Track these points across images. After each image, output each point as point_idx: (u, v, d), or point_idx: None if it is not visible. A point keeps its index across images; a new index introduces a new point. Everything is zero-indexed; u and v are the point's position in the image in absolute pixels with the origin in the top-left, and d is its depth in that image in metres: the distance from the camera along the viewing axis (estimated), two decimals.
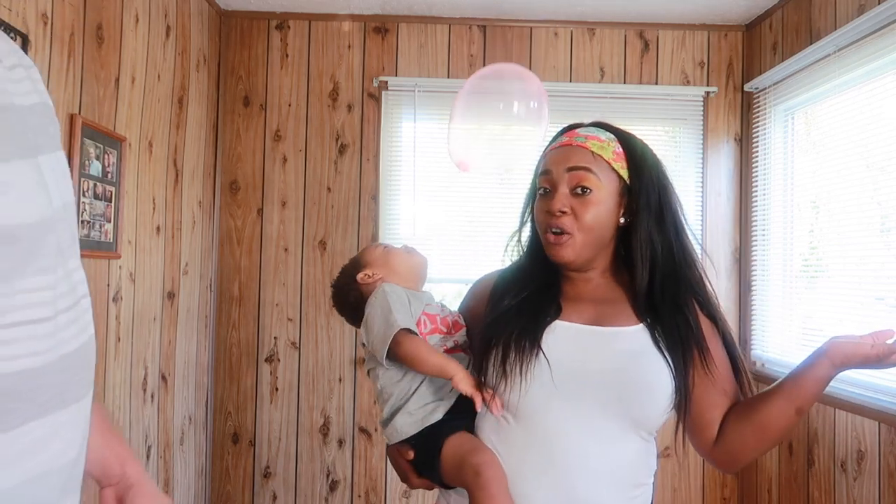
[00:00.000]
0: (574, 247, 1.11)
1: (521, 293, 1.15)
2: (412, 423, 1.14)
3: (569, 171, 1.11)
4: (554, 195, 1.11)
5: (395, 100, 3.18)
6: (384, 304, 1.16)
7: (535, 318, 1.10)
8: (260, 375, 3.16)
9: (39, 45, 1.84)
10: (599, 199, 1.10)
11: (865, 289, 2.39)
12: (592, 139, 1.14)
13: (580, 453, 1.04)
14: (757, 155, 3.08)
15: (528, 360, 1.05)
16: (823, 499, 2.51)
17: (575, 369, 1.06)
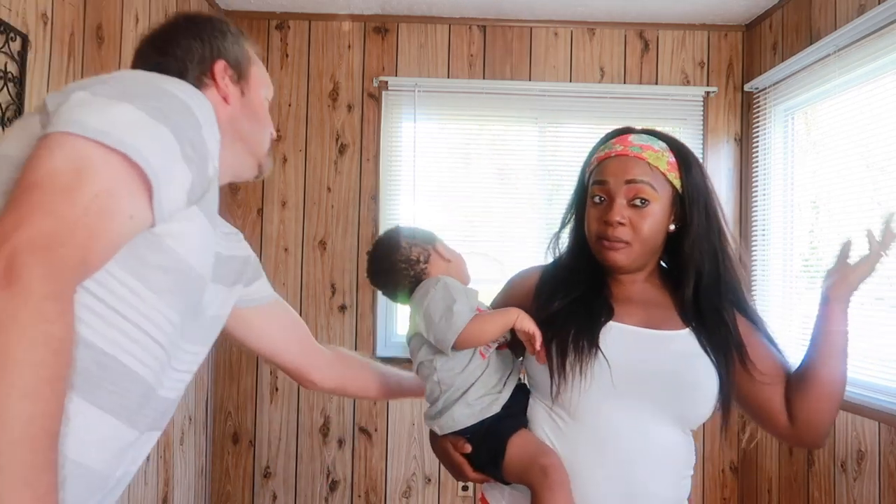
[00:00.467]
0: (629, 254, 1.14)
1: (571, 293, 1.17)
2: (470, 415, 1.16)
3: (627, 183, 1.13)
4: (612, 206, 1.13)
5: (395, 100, 3.18)
6: (447, 296, 1.17)
7: (590, 318, 1.13)
8: (260, 375, 3.16)
9: (39, 45, 1.84)
10: (655, 210, 1.14)
11: (865, 289, 2.39)
12: (648, 149, 1.15)
13: (636, 448, 1.08)
14: (757, 155, 3.08)
15: (588, 359, 1.09)
16: (823, 499, 2.51)
17: (632, 370, 1.10)
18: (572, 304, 1.16)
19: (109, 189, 0.67)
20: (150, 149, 0.70)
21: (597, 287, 1.19)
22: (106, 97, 0.72)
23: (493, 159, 3.25)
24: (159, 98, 0.74)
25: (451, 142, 3.24)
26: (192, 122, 0.76)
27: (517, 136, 3.25)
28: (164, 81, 0.79)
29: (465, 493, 3.13)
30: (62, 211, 0.64)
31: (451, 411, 1.17)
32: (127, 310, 0.74)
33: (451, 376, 1.18)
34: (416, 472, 3.15)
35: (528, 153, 3.21)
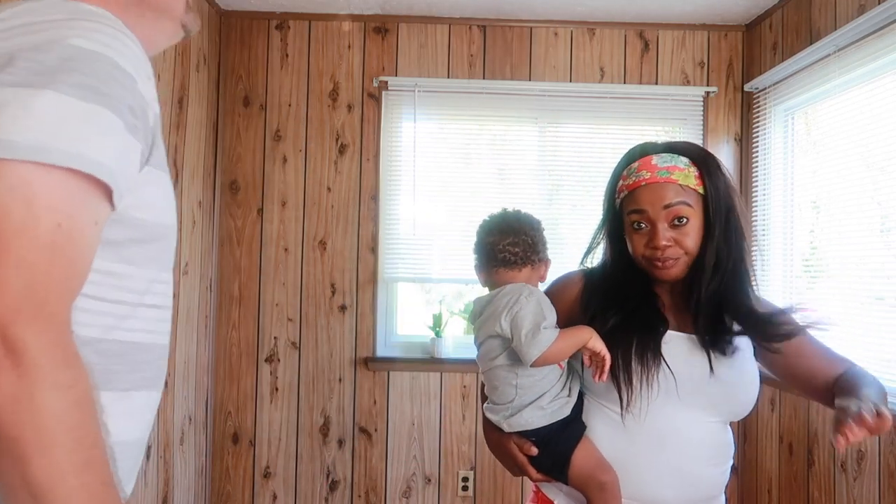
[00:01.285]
0: (680, 267, 1.22)
1: (625, 306, 1.24)
2: (542, 416, 1.21)
3: (665, 208, 1.19)
4: (655, 232, 1.20)
5: (395, 100, 3.18)
6: (538, 312, 1.20)
7: (650, 330, 1.21)
8: (260, 375, 3.16)
9: None
10: (694, 224, 1.21)
11: (865, 289, 2.39)
12: (675, 170, 1.21)
13: (692, 442, 1.18)
14: (757, 155, 3.08)
15: (653, 371, 1.17)
16: (823, 499, 2.51)
17: (693, 377, 1.18)
18: (628, 317, 1.22)
19: (69, 213, 0.61)
20: (95, 148, 0.62)
21: (649, 298, 1.26)
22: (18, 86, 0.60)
23: (493, 159, 3.25)
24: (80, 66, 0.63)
25: (451, 142, 3.24)
26: (124, 82, 0.66)
27: (517, 136, 3.25)
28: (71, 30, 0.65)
29: (464, 493, 3.13)
30: (30, 258, 0.58)
31: (523, 413, 1.21)
32: (122, 294, 0.71)
33: (532, 382, 1.22)
34: (416, 472, 3.15)
35: (528, 153, 3.21)
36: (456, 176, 3.22)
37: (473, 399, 3.16)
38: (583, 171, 3.21)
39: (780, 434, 2.84)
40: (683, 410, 1.18)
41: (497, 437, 1.27)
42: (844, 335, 2.47)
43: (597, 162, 3.20)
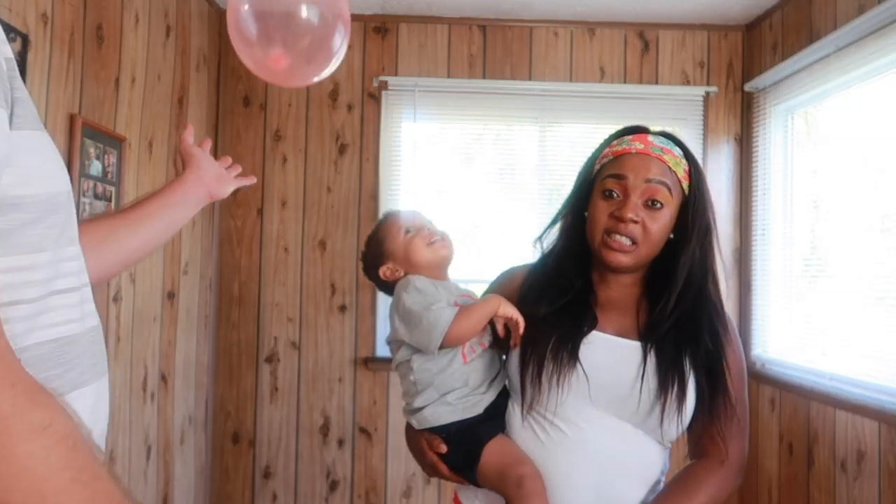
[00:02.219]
0: (635, 256, 1.12)
1: (558, 300, 1.15)
2: (451, 412, 1.15)
3: (647, 182, 1.10)
4: (626, 202, 1.10)
5: (395, 100, 3.18)
6: (420, 300, 1.15)
7: (574, 328, 1.12)
8: (260, 375, 3.16)
9: (39, 45, 1.84)
10: (666, 214, 1.12)
11: (865, 289, 2.39)
12: (668, 153, 1.14)
13: (613, 456, 1.09)
14: (757, 155, 3.08)
15: (566, 371, 1.08)
16: (823, 499, 2.51)
17: (611, 382, 1.09)
18: (559, 311, 1.14)
19: None
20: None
21: (584, 292, 1.17)
22: None
23: (493, 159, 3.25)
24: None
25: (451, 142, 3.24)
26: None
27: (517, 135, 3.25)
28: None
29: None
30: None
31: (429, 408, 1.16)
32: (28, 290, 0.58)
33: (429, 377, 1.16)
34: (416, 472, 3.14)
35: (528, 153, 3.21)
36: (456, 176, 3.22)
37: None
38: None
39: (780, 434, 2.83)
40: (601, 419, 1.09)
41: (411, 436, 1.23)
42: (844, 335, 2.48)
43: None
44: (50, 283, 0.61)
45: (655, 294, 1.16)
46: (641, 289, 1.20)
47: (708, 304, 1.15)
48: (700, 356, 1.11)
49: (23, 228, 0.58)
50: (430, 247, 1.25)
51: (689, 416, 1.11)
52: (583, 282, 1.18)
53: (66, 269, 0.63)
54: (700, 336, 1.12)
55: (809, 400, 2.61)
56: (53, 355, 0.61)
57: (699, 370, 1.10)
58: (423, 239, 1.25)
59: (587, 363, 1.09)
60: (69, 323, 0.63)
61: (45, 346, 0.60)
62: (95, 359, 0.67)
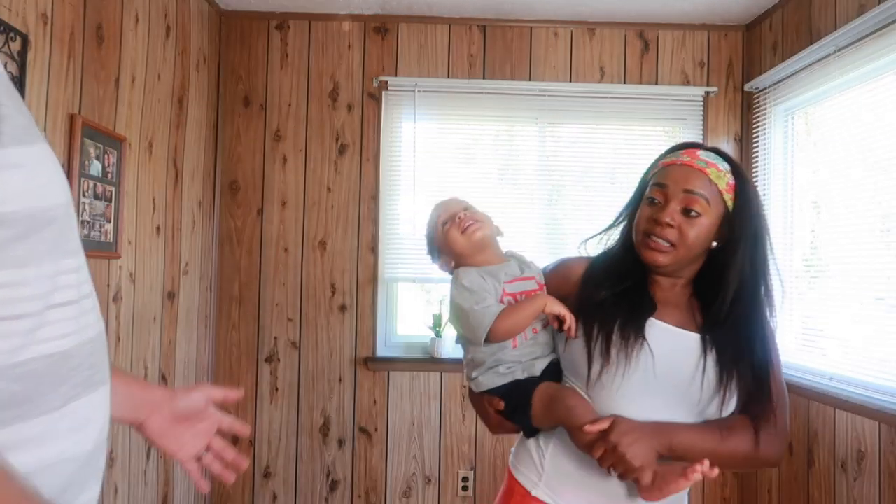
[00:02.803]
0: (671, 256, 1.21)
1: (618, 285, 1.24)
2: (499, 378, 1.26)
3: (686, 192, 1.19)
4: (665, 208, 1.20)
5: (395, 100, 3.18)
6: (466, 297, 1.24)
7: (636, 310, 1.21)
8: (260, 375, 3.16)
9: (39, 45, 1.84)
10: (704, 223, 1.19)
11: (865, 289, 2.39)
12: (713, 166, 1.22)
13: None
14: (757, 155, 3.08)
15: (633, 349, 1.17)
16: (823, 499, 2.51)
17: (670, 367, 1.18)
18: (620, 295, 1.23)
19: None
20: None
21: (642, 283, 1.26)
22: None
23: (493, 159, 3.25)
24: None
25: (451, 142, 3.24)
26: None
27: (517, 136, 3.25)
28: None
29: (465, 493, 3.13)
30: None
31: (483, 376, 1.27)
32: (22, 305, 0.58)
33: (483, 357, 1.27)
34: (416, 472, 3.15)
35: (528, 153, 3.21)
36: (456, 176, 3.22)
37: None
38: (583, 171, 3.21)
39: None
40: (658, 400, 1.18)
41: (474, 399, 1.36)
42: (844, 335, 2.48)
43: (597, 162, 3.20)
44: (46, 297, 0.61)
45: (706, 299, 1.25)
46: (690, 292, 1.28)
47: (760, 311, 1.22)
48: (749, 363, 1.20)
49: (9, 244, 0.56)
50: (464, 234, 1.30)
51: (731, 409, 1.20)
52: (642, 273, 1.26)
53: (63, 282, 0.63)
54: (752, 345, 1.20)
55: (809, 400, 2.61)
56: (48, 370, 0.60)
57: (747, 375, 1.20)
58: (457, 228, 1.30)
59: (653, 345, 1.18)
60: (65, 337, 0.63)
61: (40, 362, 0.60)
62: (94, 369, 0.67)
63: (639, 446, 1.10)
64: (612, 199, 2.68)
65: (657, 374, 1.16)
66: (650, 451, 1.11)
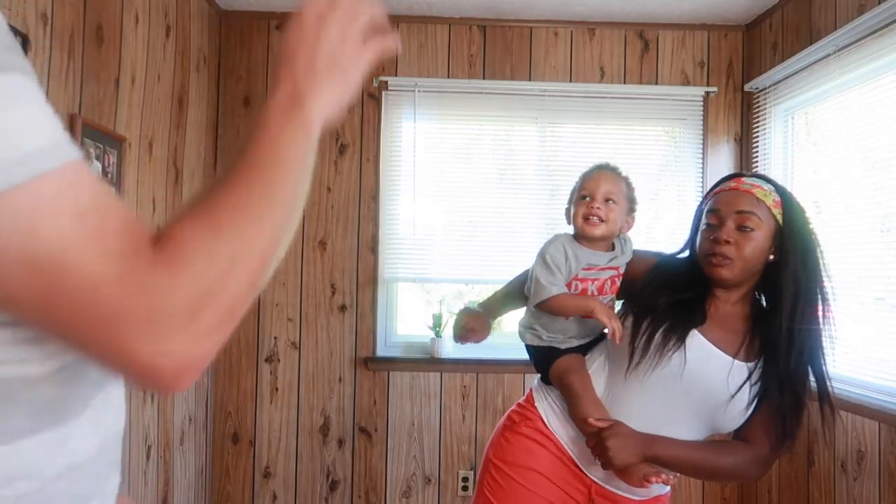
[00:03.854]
0: (732, 269, 1.35)
1: (678, 294, 1.41)
2: (534, 339, 1.56)
3: (738, 213, 1.36)
4: (721, 228, 1.36)
5: (395, 100, 3.18)
6: (542, 270, 1.46)
7: (686, 318, 1.37)
8: (260, 375, 3.16)
9: (39, 45, 1.84)
10: (758, 236, 1.35)
11: (865, 289, 2.39)
12: (758, 188, 1.39)
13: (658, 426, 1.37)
14: (757, 155, 3.08)
15: (670, 350, 1.34)
16: (823, 499, 2.51)
17: (697, 377, 1.34)
18: (678, 301, 1.39)
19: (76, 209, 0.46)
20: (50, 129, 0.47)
21: (700, 297, 1.41)
22: None
23: (493, 159, 3.25)
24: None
25: (451, 142, 3.24)
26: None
27: (517, 136, 3.25)
28: None
29: (464, 493, 3.13)
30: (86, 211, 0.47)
31: (526, 331, 1.58)
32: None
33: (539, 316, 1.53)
34: (416, 472, 3.15)
35: (528, 153, 3.21)
36: (456, 176, 3.22)
37: (473, 399, 3.16)
38: (583, 171, 3.20)
39: None
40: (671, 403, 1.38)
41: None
42: (845, 335, 2.47)
43: (597, 162, 3.19)
44: None
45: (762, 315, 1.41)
46: (748, 308, 1.43)
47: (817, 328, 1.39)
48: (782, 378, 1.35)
49: None
50: (585, 220, 1.47)
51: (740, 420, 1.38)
52: (699, 286, 1.42)
53: None
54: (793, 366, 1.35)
55: (809, 400, 2.61)
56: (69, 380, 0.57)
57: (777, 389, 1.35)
58: (585, 210, 1.47)
59: (689, 353, 1.35)
60: None
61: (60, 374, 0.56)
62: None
63: (623, 452, 1.32)
64: None
65: (683, 379, 1.33)
66: (631, 458, 1.33)
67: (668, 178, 3.22)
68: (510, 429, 1.55)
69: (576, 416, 1.42)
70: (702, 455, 1.37)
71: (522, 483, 1.48)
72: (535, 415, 1.53)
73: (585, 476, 1.48)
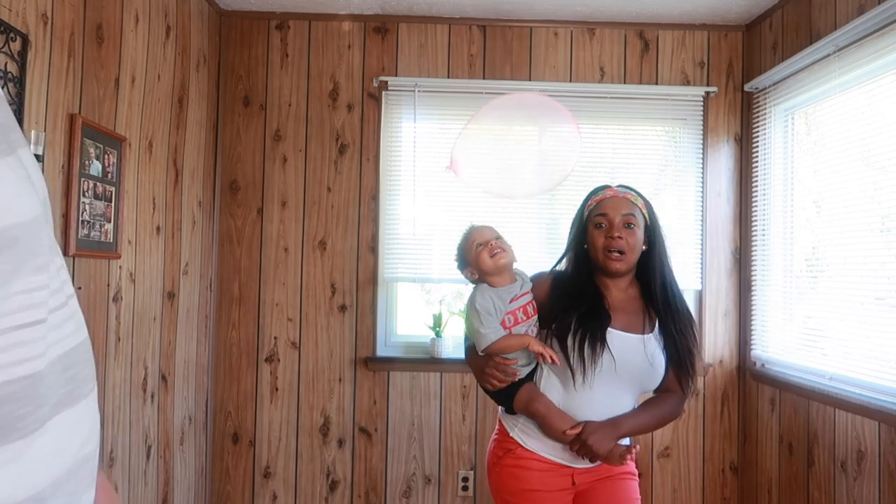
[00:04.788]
0: (626, 262, 1.72)
1: (581, 306, 1.70)
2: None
3: (623, 215, 1.72)
4: (612, 227, 1.71)
5: (395, 100, 3.18)
6: (475, 319, 1.69)
7: (597, 324, 1.68)
8: (260, 375, 3.16)
9: (39, 45, 1.84)
10: (638, 231, 1.73)
11: (866, 289, 2.39)
12: (629, 194, 1.77)
13: (613, 409, 1.70)
14: (757, 155, 3.08)
15: (598, 353, 1.65)
16: (823, 499, 2.51)
17: (625, 362, 1.67)
18: (585, 312, 1.69)
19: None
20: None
21: (598, 297, 1.73)
22: None
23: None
24: None
25: (451, 142, 3.23)
26: None
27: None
28: None
29: (464, 493, 3.13)
30: None
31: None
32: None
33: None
34: (416, 472, 3.15)
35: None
36: (456, 176, 3.22)
37: (473, 399, 3.16)
38: (583, 171, 3.20)
39: (779, 434, 2.84)
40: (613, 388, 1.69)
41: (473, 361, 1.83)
42: (844, 335, 2.47)
43: (597, 162, 3.20)
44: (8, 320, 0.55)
45: (646, 295, 1.77)
46: (636, 289, 1.79)
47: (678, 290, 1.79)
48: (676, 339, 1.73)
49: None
50: (492, 258, 1.72)
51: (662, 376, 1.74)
52: (594, 289, 1.74)
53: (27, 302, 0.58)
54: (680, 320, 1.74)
55: (809, 400, 2.61)
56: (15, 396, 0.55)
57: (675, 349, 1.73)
58: (489, 251, 1.72)
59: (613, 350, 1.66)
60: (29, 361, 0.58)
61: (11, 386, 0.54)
62: (71, 384, 0.63)
63: (603, 443, 1.64)
64: None
65: (617, 369, 1.66)
66: (609, 442, 1.65)
67: (668, 177, 3.22)
68: (497, 464, 1.79)
69: (552, 433, 1.68)
70: (651, 416, 1.75)
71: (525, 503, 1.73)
72: (514, 443, 1.76)
73: (567, 467, 1.74)
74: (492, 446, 1.84)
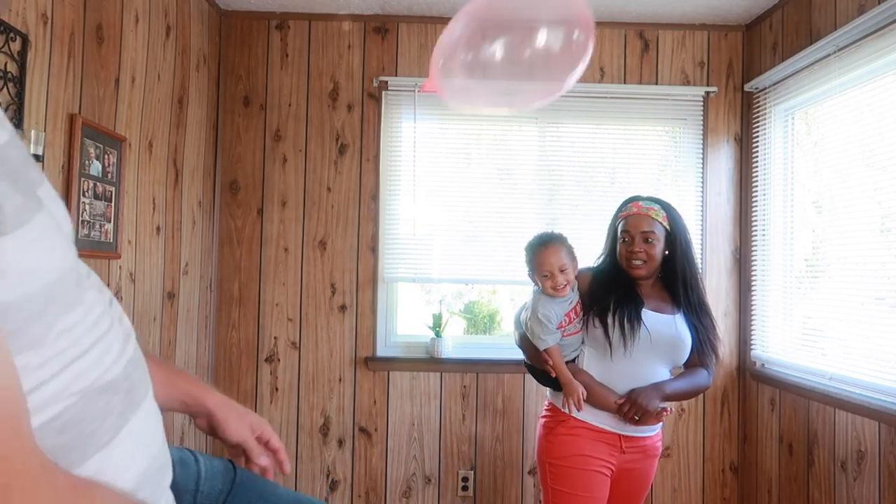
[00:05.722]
0: (646, 268, 2.05)
1: (618, 291, 2.03)
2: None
3: (642, 232, 2.04)
4: (634, 243, 2.04)
5: (395, 100, 3.18)
6: (538, 326, 2.01)
7: (633, 305, 2.00)
8: (260, 375, 3.16)
9: (39, 45, 1.84)
10: (657, 244, 2.05)
11: (866, 289, 2.39)
12: (652, 210, 2.07)
13: (650, 377, 2.00)
14: (757, 155, 3.08)
15: (637, 330, 1.97)
16: (823, 499, 2.51)
17: (659, 336, 1.99)
18: (621, 296, 2.02)
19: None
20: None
21: (632, 287, 2.06)
22: None
23: (493, 159, 3.24)
24: None
25: (451, 142, 3.24)
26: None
27: (517, 136, 3.25)
28: None
29: (464, 493, 3.13)
30: None
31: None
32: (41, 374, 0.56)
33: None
34: (416, 472, 3.15)
35: (528, 153, 3.21)
36: (456, 176, 3.22)
37: (473, 399, 3.16)
38: (583, 171, 3.21)
39: (780, 434, 2.83)
40: (649, 359, 2.00)
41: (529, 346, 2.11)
42: (844, 335, 2.47)
43: (597, 162, 3.20)
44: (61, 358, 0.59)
45: (671, 291, 2.09)
46: (661, 284, 2.11)
47: (698, 287, 2.11)
48: (698, 321, 2.07)
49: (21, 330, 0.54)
50: (553, 290, 2.00)
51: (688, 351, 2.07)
52: (628, 280, 2.06)
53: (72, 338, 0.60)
54: (698, 311, 2.08)
55: (809, 400, 2.61)
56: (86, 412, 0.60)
57: (697, 338, 2.06)
58: (551, 283, 2.00)
59: (647, 326, 1.99)
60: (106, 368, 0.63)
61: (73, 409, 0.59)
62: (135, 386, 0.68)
63: (650, 400, 1.94)
64: (611, 199, 2.68)
65: (652, 341, 1.98)
66: (656, 400, 1.95)
67: (668, 177, 3.22)
68: (550, 433, 2.05)
69: (602, 403, 1.99)
70: (687, 382, 2.04)
71: (575, 466, 1.98)
72: (566, 415, 2.02)
73: (614, 434, 2.00)
74: (543, 420, 2.10)
